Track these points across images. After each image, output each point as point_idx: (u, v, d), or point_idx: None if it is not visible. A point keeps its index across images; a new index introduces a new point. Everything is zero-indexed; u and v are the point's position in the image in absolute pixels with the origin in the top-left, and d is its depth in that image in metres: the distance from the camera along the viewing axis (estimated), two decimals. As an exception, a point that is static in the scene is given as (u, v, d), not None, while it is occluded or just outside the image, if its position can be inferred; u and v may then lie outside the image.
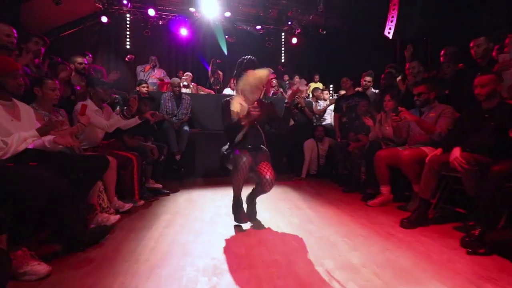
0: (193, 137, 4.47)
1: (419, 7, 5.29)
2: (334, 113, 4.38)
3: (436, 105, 2.62)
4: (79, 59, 3.33)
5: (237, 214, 2.21)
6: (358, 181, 3.39)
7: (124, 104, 3.58)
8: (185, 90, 5.35)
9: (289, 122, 5.12)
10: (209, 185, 3.83)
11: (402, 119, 2.58)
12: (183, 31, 7.02)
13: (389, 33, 5.62)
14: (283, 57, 8.72)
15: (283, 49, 8.69)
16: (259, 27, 7.68)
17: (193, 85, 5.90)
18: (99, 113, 2.68)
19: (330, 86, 7.08)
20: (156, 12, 6.67)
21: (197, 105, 4.77)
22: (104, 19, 6.46)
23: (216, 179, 4.08)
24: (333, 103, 4.63)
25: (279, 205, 2.82)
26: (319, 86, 6.60)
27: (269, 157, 2.23)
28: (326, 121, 5.12)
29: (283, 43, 8.61)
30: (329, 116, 5.10)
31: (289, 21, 7.20)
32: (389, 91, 3.30)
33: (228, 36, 7.38)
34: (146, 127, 3.34)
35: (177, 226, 2.21)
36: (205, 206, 2.82)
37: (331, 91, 6.77)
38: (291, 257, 1.66)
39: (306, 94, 6.12)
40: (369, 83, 4.45)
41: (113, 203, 2.45)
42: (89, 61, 4.55)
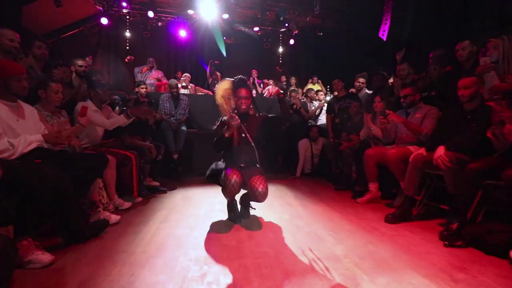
0: (191, 137, 4.59)
1: (412, 10, 5.40)
2: (326, 114, 4.50)
3: (421, 106, 2.73)
4: (79, 62, 3.44)
5: (231, 213, 2.32)
6: (349, 179, 3.51)
7: (123, 104, 3.70)
8: (183, 91, 5.46)
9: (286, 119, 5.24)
10: (206, 184, 3.90)
11: (390, 121, 2.70)
12: (182, 33, 7.14)
13: (383, 35, 5.73)
14: (280, 58, 8.84)
15: (280, 50, 8.80)
16: (256, 29, 7.81)
17: (191, 86, 6.01)
18: (98, 113, 2.79)
19: (327, 86, 7.17)
20: (155, 14, 6.79)
21: (195, 105, 4.88)
22: (104, 21, 6.57)
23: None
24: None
25: (271, 202, 2.92)
26: (317, 87, 6.72)
27: (263, 172, 2.20)
28: (321, 121, 5.23)
29: (280, 44, 8.73)
30: (324, 116, 5.21)
31: (286, 23, 7.31)
32: (379, 93, 3.41)
33: (226, 37, 7.49)
34: (144, 127, 3.47)
35: (173, 221, 2.33)
36: (200, 203, 2.93)
37: (328, 92, 6.87)
38: (279, 249, 1.77)
39: (301, 95, 6.23)
40: (362, 85, 4.56)
41: (113, 200, 2.56)
42: (89, 62, 4.65)
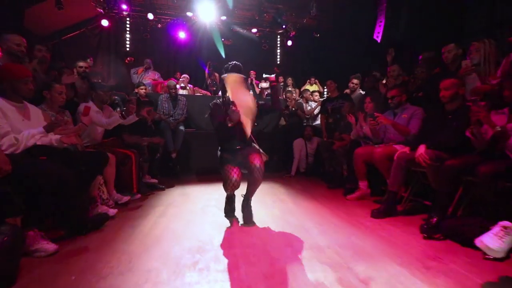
0: (189, 137, 4.72)
1: (406, 12, 5.52)
2: (320, 114, 4.62)
3: (407, 107, 2.86)
4: (81, 63, 3.57)
5: (227, 206, 2.36)
6: (341, 178, 3.63)
7: (123, 105, 3.82)
8: (182, 91, 5.60)
9: (279, 120, 5.38)
10: (203, 181, 4.07)
11: (379, 123, 2.84)
12: (181, 34, 7.28)
13: (377, 37, 5.86)
14: (278, 59, 8.97)
15: (278, 51, 8.94)
16: (254, 30, 7.94)
17: (190, 87, 6.14)
18: (99, 113, 2.93)
19: (324, 87, 7.29)
20: (155, 16, 6.94)
21: (193, 106, 5.02)
22: (104, 23, 6.72)
23: (209, 176, 4.31)
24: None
25: (265, 199, 3.05)
26: (315, 88, 6.85)
27: (259, 152, 2.21)
28: (317, 121, 5.35)
29: (278, 45, 8.87)
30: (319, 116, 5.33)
31: (283, 25, 7.44)
32: (369, 94, 3.54)
33: (224, 39, 7.62)
34: (144, 127, 3.59)
35: (170, 215, 2.46)
36: (197, 199, 3.06)
37: (325, 92, 6.99)
38: (267, 240, 1.90)
39: (298, 95, 6.35)
40: (356, 86, 4.67)
41: (112, 195, 2.69)
42: (90, 64, 4.78)
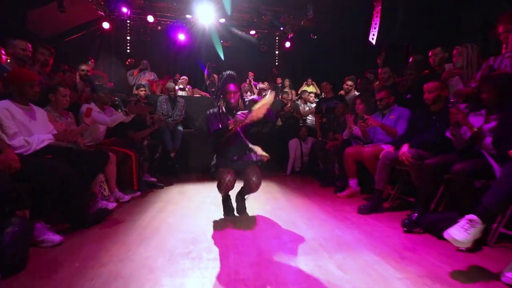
0: (188, 137, 4.86)
1: (400, 14, 5.64)
2: (315, 114, 4.75)
3: (395, 108, 2.99)
4: (83, 67, 3.71)
5: (225, 208, 2.49)
6: (333, 176, 3.76)
7: (124, 105, 3.97)
8: (181, 93, 5.74)
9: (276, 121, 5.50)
10: (201, 180, 4.21)
11: (368, 125, 2.97)
12: (180, 36, 7.42)
13: (372, 39, 5.97)
14: (277, 60, 9.10)
15: (277, 52, 9.07)
16: (253, 32, 8.07)
17: (189, 88, 6.28)
18: (101, 113, 3.07)
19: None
20: (155, 18, 7.08)
21: (192, 107, 5.16)
22: (105, 25, 6.86)
23: (207, 175, 4.41)
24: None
25: (258, 196, 3.13)
26: (312, 89, 6.97)
27: (257, 166, 2.30)
28: (312, 121, 5.48)
29: (276, 46, 9.00)
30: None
31: (281, 27, 7.57)
32: (362, 96, 3.67)
33: (223, 40, 7.76)
34: (143, 125, 3.75)
35: (168, 211, 2.60)
36: (194, 196, 3.20)
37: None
38: (256, 233, 2.04)
39: (295, 96, 6.48)
40: (350, 87, 4.79)
41: (113, 193, 2.83)
42: (91, 66, 4.92)
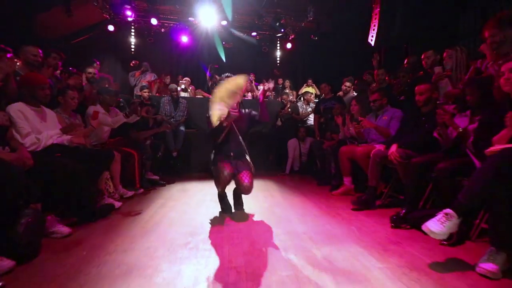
0: (190, 137, 5.00)
1: (399, 16, 5.72)
2: (314, 114, 4.87)
3: (388, 109, 3.10)
4: (89, 69, 3.88)
5: (222, 205, 2.60)
6: (329, 175, 3.88)
7: (128, 106, 4.13)
8: (183, 94, 5.89)
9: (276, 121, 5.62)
10: (202, 179, 4.35)
11: (363, 127, 3.09)
12: (183, 38, 7.57)
13: (371, 40, 6.06)
14: (278, 61, 9.22)
15: (278, 53, 9.18)
16: (254, 34, 8.19)
17: (191, 89, 6.42)
18: (106, 115, 3.23)
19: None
20: (158, 21, 7.23)
21: (194, 107, 5.30)
22: (110, 28, 7.05)
23: (208, 174, 4.55)
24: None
25: (256, 194, 3.29)
26: (311, 90, 7.07)
27: (251, 167, 2.38)
28: (310, 121, 5.58)
29: (278, 47, 9.11)
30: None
31: (282, 29, 7.67)
32: (359, 97, 3.79)
33: (225, 42, 7.89)
34: (146, 126, 3.90)
35: (169, 207, 2.74)
36: (194, 194, 3.34)
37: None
38: (251, 226, 2.17)
39: (295, 97, 6.60)
40: (348, 88, 4.91)
41: (118, 190, 2.98)
42: (97, 68, 5.09)
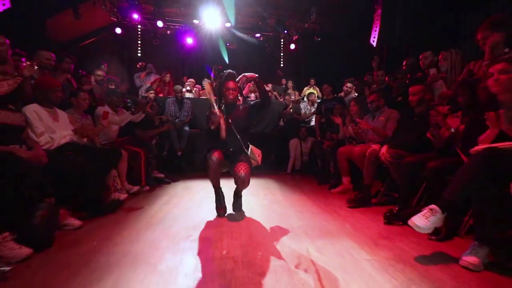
0: (194, 136, 5.14)
1: (400, 18, 5.78)
2: (315, 114, 4.96)
3: (385, 110, 3.18)
4: (98, 72, 4.05)
5: (217, 205, 2.58)
6: (329, 174, 3.97)
7: (135, 106, 4.28)
8: (188, 94, 6.04)
9: (279, 121, 5.73)
10: (205, 177, 4.39)
11: (360, 128, 3.19)
12: (188, 40, 7.74)
13: (373, 41, 6.13)
14: (282, 62, 9.32)
15: (282, 54, 9.28)
16: (258, 35, 8.31)
17: (196, 90, 6.57)
18: (114, 115, 3.39)
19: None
20: (164, 23, 7.41)
21: (198, 108, 5.44)
22: (118, 30, 7.26)
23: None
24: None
25: (257, 191, 3.43)
26: (313, 91, 7.15)
27: (248, 160, 2.41)
28: (312, 122, 5.67)
29: (281, 48, 9.20)
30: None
31: (285, 30, 7.78)
32: (355, 98, 3.87)
33: (229, 43, 8.03)
34: (152, 125, 4.06)
35: (173, 204, 2.88)
36: (198, 191, 3.48)
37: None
38: (250, 222, 2.29)
39: (297, 97, 6.68)
40: (350, 89, 4.99)
41: (124, 186, 3.14)
42: (105, 70, 5.26)
